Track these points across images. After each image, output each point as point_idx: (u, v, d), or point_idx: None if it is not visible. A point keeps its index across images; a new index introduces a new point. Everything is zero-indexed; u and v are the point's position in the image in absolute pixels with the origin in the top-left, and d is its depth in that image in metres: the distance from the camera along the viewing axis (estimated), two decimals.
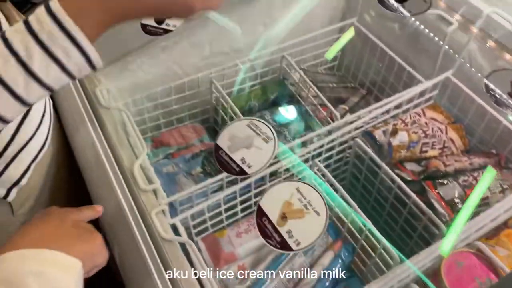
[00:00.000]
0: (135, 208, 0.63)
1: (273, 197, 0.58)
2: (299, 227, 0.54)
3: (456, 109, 0.85)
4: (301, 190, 0.59)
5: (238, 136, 0.63)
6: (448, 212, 0.68)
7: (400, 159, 0.76)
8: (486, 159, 0.77)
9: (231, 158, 0.60)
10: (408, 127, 0.79)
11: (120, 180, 0.66)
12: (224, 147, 0.61)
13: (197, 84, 0.89)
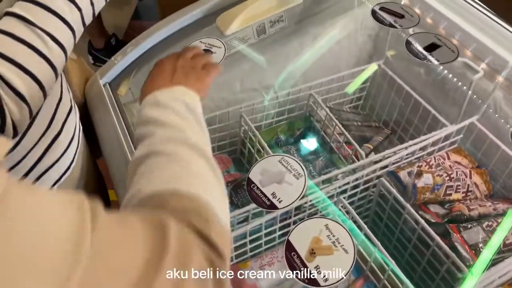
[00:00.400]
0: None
1: (302, 232, 0.60)
2: (328, 264, 0.56)
3: (480, 154, 0.86)
4: (330, 227, 0.61)
5: (270, 171, 0.65)
6: (472, 257, 0.68)
7: (425, 201, 0.77)
8: (511, 205, 0.78)
9: (262, 192, 0.63)
10: (432, 169, 0.81)
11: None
12: (256, 181, 0.64)
13: (227, 118, 0.93)
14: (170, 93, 0.54)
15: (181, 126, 0.49)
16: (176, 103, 0.52)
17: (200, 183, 0.44)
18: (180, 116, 0.50)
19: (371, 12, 0.86)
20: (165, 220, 0.36)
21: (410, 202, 0.76)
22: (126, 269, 0.31)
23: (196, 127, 0.51)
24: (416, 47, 0.81)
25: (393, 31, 1.00)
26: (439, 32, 0.86)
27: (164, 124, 0.49)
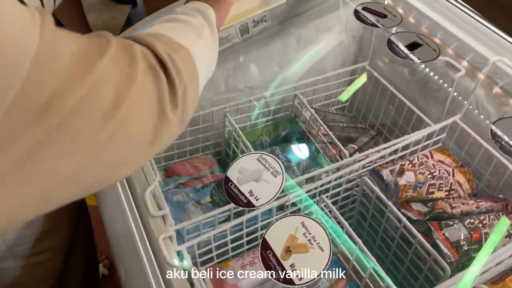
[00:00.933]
0: (144, 232, 0.65)
1: (278, 230, 0.59)
2: (303, 262, 0.55)
3: (463, 153, 0.86)
4: (306, 225, 0.60)
5: (247, 169, 0.65)
6: (453, 254, 0.68)
7: (407, 199, 0.76)
8: (493, 203, 0.77)
9: (239, 190, 0.62)
10: (415, 168, 0.80)
11: (131, 205, 0.68)
12: (233, 179, 0.64)
13: (212, 118, 0.93)
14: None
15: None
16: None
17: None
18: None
19: (354, 11, 0.86)
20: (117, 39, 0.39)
21: (392, 200, 0.75)
22: (71, 52, 0.32)
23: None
24: (398, 45, 0.81)
25: (377, 32, 1.00)
26: (421, 31, 0.86)
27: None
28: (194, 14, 0.53)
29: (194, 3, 0.55)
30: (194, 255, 0.76)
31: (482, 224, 0.71)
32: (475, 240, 0.69)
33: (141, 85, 0.38)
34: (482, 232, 0.70)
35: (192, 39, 0.49)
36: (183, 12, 0.54)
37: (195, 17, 0.53)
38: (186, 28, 0.51)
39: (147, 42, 0.42)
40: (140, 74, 0.38)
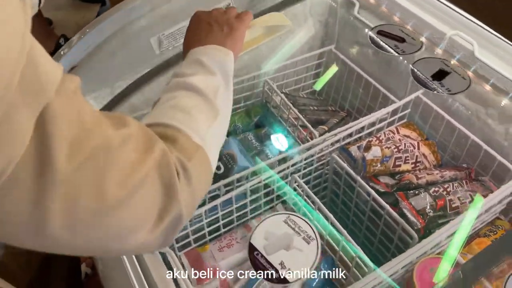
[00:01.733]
0: None
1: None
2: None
3: (428, 127, 0.89)
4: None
5: (274, 235, 0.57)
6: (419, 221, 0.71)
7: (375, 173, 0.79)
8: (457, 172, 0.81)
9: (268, 262, 0.54)
10: (382, 143, 0.83)
11: None
12: (260, 248, 0.56)
13: None
14: (205, 51, 0.57)
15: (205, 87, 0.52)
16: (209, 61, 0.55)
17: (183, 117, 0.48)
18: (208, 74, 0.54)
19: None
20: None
21: (361, 175, 0.78)
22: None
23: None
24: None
25: (341, 16, 1.03)
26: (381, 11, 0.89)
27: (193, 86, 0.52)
28: (213, 70, 0.53)
29: (214, 50, 0.56)
30: (172, 244, 0.77)
31: (447, 192, 0.75)
32: (440, 207, 0.72)
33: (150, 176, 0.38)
34: (446, 199, 0.73)
35: (209, 121, 0.49)
36: (201, 68, 0.53)
37: (213, 76, 0.53)
38: (203, 107, 0.50)
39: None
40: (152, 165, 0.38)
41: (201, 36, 0.59)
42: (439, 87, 0.69)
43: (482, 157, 0.79)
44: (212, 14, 0.63)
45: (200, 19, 0.63)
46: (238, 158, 0.81)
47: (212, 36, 0.59)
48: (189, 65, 0.54)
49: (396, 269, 0.64)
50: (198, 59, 0.54)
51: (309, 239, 0.56)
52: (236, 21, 0.62)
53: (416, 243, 0.68)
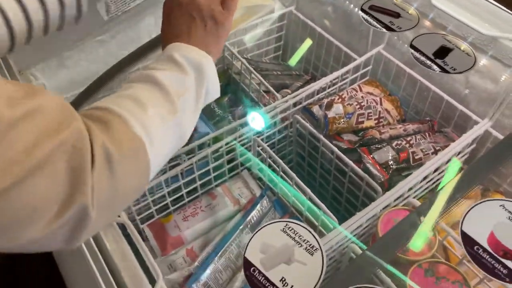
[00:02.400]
0: None
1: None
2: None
3: (390, 83, 0.88)
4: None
5: (272, 247, 0.49)
6: (383, 174, 0.70)
7: (338, 131, 0.78)
8: (420, 125, 0.80)
9: (267, 279, 0.46)
10: (344, 101, 0.81)
11: None
12: (256, 263, 0.47)
13: None
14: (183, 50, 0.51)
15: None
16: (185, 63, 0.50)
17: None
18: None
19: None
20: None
21: (323, 133, 0.76)
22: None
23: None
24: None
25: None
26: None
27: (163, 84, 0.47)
28: (187, 70, 0.49)
29: (193, 52, 0.51)
30: (131, 214, 0.74)
31: (409, 144, 0.74)
32: (402, 159, 0.72)
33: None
34: (409, 152, 0.73)
35: (163, 118, 0.45)
36: (174, 66, 0.49)
37: (186, 75, 0.48)
38: (159, 102, 0.45)
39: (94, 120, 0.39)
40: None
41: (181, 30, 0.53)
42: (444, 66, 0.62)
43: (444, 109, 0.79)
44: (196, 1, 0.55)
45: (181, 6, 0.55)
46: (198, 124, 0.78)
47: (194, 34, 0.53)
48: (162, 61, 0.50)
49: (360, 222, 0.63)
50: (173, 57, 0.49)
51: (312, 249, 0.47)
52: (221, 13, 0.55)
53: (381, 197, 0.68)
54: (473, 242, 0.39)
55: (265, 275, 0.45)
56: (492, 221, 0.40)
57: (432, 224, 0.56)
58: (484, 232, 0.39)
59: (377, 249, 0.49)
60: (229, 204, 0.78)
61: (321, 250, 0.45)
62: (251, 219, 0.75)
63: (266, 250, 0.47)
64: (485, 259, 0.38)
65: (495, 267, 0.37)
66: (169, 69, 0.48)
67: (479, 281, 0.61)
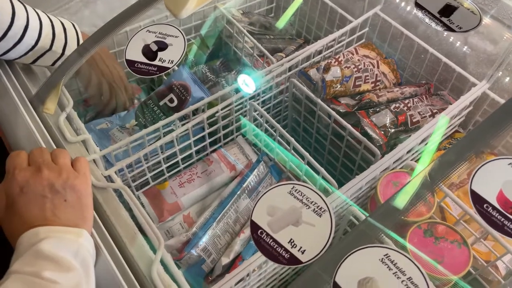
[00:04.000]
0: None
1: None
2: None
3: (387, 46, 0.87)
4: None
5: (279, 209, 0.47)
6: (381, 137, 0.69)
7: (335, 95, 0.76)
8: (417, 88, 0.79)
9: (276, 241, 0.45)
10: (341, 64, 0.80)
11: (45, 135, 0.62)
12: (263, 225, 0.46)
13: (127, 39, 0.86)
14: (53, 243, 0.44)
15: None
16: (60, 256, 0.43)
17: None
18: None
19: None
20: None
21: (321, 97, 0.75)
22: None
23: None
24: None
25: None
26: None
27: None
28: (70, 263, 0.42)
29: (63, 234, 0.44)
30: (127, 181, 0.72)
31: (407, 107, 0.73)
32: (401, 122, 0.71)
33: None
34: (407, 115, 0.72)
35: None
36: (51, 264, 0.41)
37: (72, 272, 0.42)
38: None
39: None
40: None
41: (35, 217, 0.45)
42: (449, 24, 0.59)
43: (441, 71, 0.78)
44: (43, 176, 0.47)
45: (21, 192, 0.46)
46: (192, 89, 0.75)
47: (52, 216, 0.45)
48: (30, 260, 0.41)
49: (360, 185, 0.63)
50: (42, 252, 0.41)
51: (321, 211, 0.46)
52: (76, 177, 0.49)
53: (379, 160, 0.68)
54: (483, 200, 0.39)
55: (273, 237, 0.44)
56: (501, 180, 0.40)
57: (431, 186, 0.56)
58: (493, 190, 0.39)
59: (380, 214, 0.48)
60: (225, 170, 0.77)
61: (329, 211, 0.44)
62: (248, 184, 0.74)
63: (273, 213, 0.46)
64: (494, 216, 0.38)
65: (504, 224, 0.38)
66: (48, 269, 0.41)
67: (476, 239, 0.62)
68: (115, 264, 0.49)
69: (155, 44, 0.57)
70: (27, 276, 0.39)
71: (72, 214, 0.47)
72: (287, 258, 0.43)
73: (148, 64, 0.55)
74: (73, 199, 0.48)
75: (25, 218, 0.45)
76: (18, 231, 0.44)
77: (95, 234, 0.51)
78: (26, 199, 0.46)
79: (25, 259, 0.41)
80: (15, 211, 0.46)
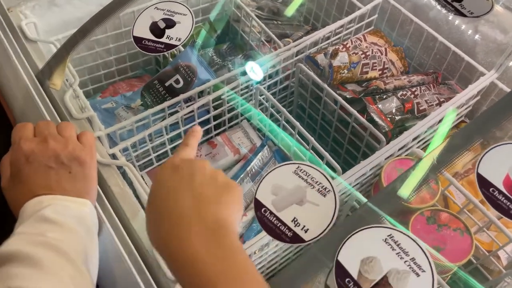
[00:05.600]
0: None
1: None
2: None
3: (395, 34, 0.86)
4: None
5: (284, 188, 0.47)
6: (387, 124, 0.69)
7: (342, 81, 0.76)
8: (424, 77, 0.79)
9: (279, 219, 0.45)
10: (349, 50, 0.79)
11: (51, 111, 0.62)
12: (267, 204, 0.45)
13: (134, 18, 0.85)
14: (57, 208, 0.44)
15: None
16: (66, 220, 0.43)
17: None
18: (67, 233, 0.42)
19: None
20: None
21: (327, 82, 0.75)
22: None
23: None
24: None
25: None
26: None
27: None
28: (72, 226, 0.43)
29: (67, 202, 0.44)
30: (131, 162, 0.72)
31: (414, 95, 0.73)
32: (407, 109, 0.71)
33: None
34: (414, 102, 0.72)
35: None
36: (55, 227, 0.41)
37: (74, 234, 0.43)
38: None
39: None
40: None
41: (39, 185, 0.45)
42: (461, 9, 0.58)
43: (449, 60, 0.78)
44: (49, 146, 0.47)
45: (27, 160, 0.46)
46: (198, 70, 0.75)
47: (57, 185, 0.45)
48: (34, 224, 0.42)
49: (364, 171, 0.63)
50: (46, 217, 0.42)
51: (325, 191, 0.46)
52: (82, 150, 0.49)
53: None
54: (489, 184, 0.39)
55: (277, 216, 0.44)
56: (508, 164, 0.40)
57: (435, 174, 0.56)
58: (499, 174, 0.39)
59: (381, 199, 0.48)
60: (229, 153, 0.77)
61: (333, 192, 0.44)
62: (252, 168, 0.74)
63: (277, 192, 0.45)
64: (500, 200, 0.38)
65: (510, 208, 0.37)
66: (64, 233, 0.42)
67: (478, 229, 0.62)
68: (118, 237, 0.49)
69: (163, 21, 0.57)
70: (32, 236, 0.39)
71: (77, 186, 0.47)
72: (290, 236, 0.43)
73: (155, 41, 0.55)
74: (78, 171, 0.48)
75: (30, 186, 0.45)
76: (22, 200, 0.45)
77: (98, 208, 0.51)
78: (32, 168, 0.45)
79: (29, 223, 0.41)
80: (19, 180, 0.45)
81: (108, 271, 0.49)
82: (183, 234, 0.35)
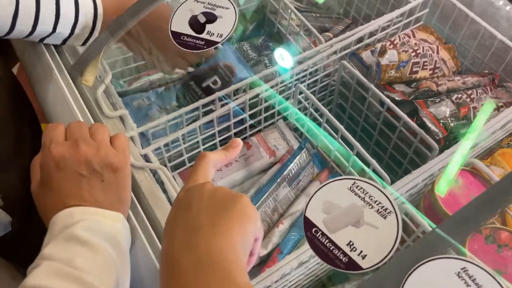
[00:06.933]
0: None
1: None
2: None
3: (447, 29, 0.79)
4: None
5: (338, 206, 0.41)
6: (441, 130, 0.63)
7: (389, 81, 0.70)
8: (480, 78, 0.72)
9: (333, 243, 0.39)
10: (398, 47, 0.73)
11: (83, 108, 0.59)
12: (319, 224, 0.40)
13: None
14: (85, 223, 0.41)
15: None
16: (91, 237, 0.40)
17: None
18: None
19: None
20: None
21: (374, 82, 0.69)
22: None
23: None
24: None
25: None
26: None
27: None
28: (100, 246, 0.39)
29: (99, 217, 0.41)
30: (163, 160, 0.69)
31: (470, 99, 0.67)
32: (463, 115, 0.65)
33: None
34: (470, 107, 0.66)
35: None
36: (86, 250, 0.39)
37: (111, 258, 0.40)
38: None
39: None
40: None
41: (70, 194, 0.43)
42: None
43: (508, 60, 0.71)
44: (80, 152, 0.44)
45: (57, 166, 0.43)
46: (237, 69, 0.71)
47: (89, 195, 0.43)
48: (64, 244, 0.39)
49: (416, 182, 0.57)
50: (77, 236, 0.39)
51: (385, 212, 0.40)
52: (115, 155, 0.46)
53: (436, 156, 0.62)
54: None
55: (329, 237, 0.39)
56: None
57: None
58: None
59: (450, 227, 0.42)
60: (264, 155, 0.73)
61: (395, 213, 0.39)
62: (289, 172, 0.70)
63: (330, 210, 0.40)
64: None
65: None
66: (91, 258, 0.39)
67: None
68: (152, 249, 0.46)
69: (203, 15, 0.52)
70: (60, 265, 0.36)
71: (109, 196, 0.44)
72: (345, 262, 0.37)
73: (195, 37, 0.51)
74: (110, 179, 0.44)
75: (61, 196, 0.43)
76: (53, 209, 0.42)
77: (132, 216, 0.48)
78: (62, 175, 0.43)
79: (58, 243, 0.39)
80: (50, 188, 0.43)
81: (140, 285, 0.46)
82: (174, 272, 0.33)
